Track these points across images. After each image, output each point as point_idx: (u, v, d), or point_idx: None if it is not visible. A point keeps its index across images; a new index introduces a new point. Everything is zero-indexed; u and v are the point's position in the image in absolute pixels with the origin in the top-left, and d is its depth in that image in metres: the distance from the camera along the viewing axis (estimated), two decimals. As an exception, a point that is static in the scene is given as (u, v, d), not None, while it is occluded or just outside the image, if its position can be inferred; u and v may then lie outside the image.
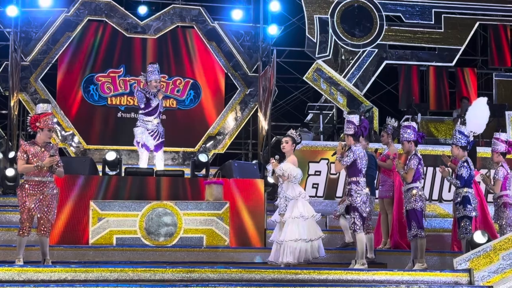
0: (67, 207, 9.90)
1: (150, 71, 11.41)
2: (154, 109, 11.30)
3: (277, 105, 17.16)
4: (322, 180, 13.02)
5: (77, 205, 9.98)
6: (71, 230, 9.91)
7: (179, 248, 9.74)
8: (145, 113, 11.31)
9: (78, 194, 10.03)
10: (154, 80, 11.31)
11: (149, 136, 11.30)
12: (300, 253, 8.69)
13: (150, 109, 11.27)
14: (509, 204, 9.66)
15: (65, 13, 16.01)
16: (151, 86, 11.31)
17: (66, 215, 9.89)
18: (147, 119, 11.32)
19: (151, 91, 11.29)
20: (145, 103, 11.23)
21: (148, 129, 11.32)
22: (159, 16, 16.47)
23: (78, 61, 16.00)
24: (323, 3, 16.33)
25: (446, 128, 16.36)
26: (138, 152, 11.48)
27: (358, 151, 8.90)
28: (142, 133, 11.30)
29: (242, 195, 10.45)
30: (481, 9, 16.97)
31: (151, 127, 11.31)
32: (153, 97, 11.24)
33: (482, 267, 8.09)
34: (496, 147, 9.91)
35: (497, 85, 17.04)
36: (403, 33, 16.59)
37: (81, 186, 10.09)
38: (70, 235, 9.88)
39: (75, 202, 9.99)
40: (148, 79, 11.38)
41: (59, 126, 15.49)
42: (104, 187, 10.21)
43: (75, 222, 9.94)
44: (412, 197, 9.24)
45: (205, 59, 16.54)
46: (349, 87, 16.01)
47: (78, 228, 9.92)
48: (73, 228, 9.92)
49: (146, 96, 11.23)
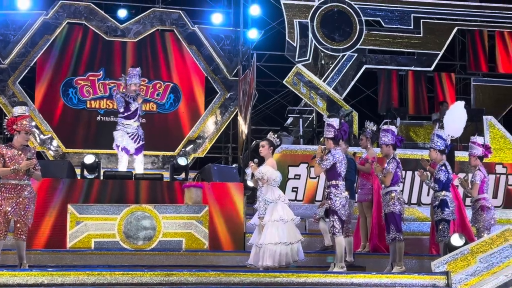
0: (44, 210, 9.81)
1: (130, 75, 11.40)
2: (133, 113, 11.28)
3: (257, 109, 17.18)
4: (301, 184, 13.01)
5: (55, 208, 9.89)
6: (48, 234, 9.81)
7: (158, 251, 9.70)
8: (125, 116, 11.29)
9: (56, 198, 9.94)
10: (134, 84, 11.30)
11: (129, 139, 11.27)
12: (280, 257, 8.68)
13: (129, 112, 11.25)
14: (486, 207, 9.73)
15: (44, 16, 15.92)
16: (130, 89, 11.27)
17: (43, 218, 9.79)
18: (126, 122, 11.29)
19: (130, 95, 11.25)
20: (124, 106, 11.19)
21: (128, 132, 11.29)
22: (139, 20, 16.43)
23: (57, 64, 15.92)
24: (303, 7, 16.38)
25: (424, 132, 16.44)
26: (118, 155, 11.42)
27: (337, 154, 8.91)
28: (122, 137, 11.28)
29: (221, 198, 10.43)
30: (460, 14, 17.11)
31: (131, 131, 11.30)
32: (132, 101, 11.20)
33: (459, 270, 8.15)
34: (473, 151, 9.99)
35: (475, 90, 17.19)
36: (382, 38, 16.68)
37: (59, 189, 10.00)
38: (47, 239, 9.79)
39: (52, 205, 9.90)
40: (128, 82, 11.37)
41: (37, 130, 15.39)
42: (82, 190, 10.13)
43: (52, 226, 9.85)
44: (390, 201, 9.28)
45: (185, 63, 16.53)
46: (329, 91, 16.05)
47: (56, 232, 9.82)
48: (50, 232, 9.83)
49: (125, 99, 11.20)
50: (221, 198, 10.42)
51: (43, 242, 9.75)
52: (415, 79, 16.92)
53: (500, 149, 13.71)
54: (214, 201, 10.35)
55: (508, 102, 17.24)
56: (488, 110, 15.55)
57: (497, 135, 13.98)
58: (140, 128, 11.45)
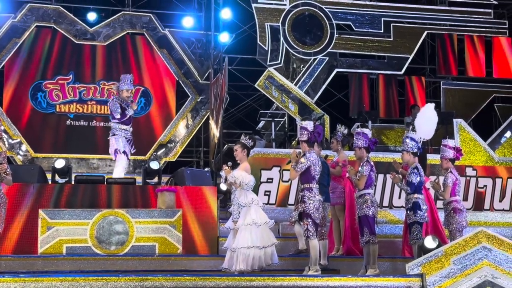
0: (15, 215, 9.66)
1: (122, 81, 11.43)
2: (129, 119, 11.33)
3: (228, 113, 17.13)
4: (274, 187, 13.00)
5: (26, 213, 9.76)
6: (19, 240, 9.68)
7: (131, 256, 9.60)
8: (122, 122, 11.29)
9: (26, 203, 9.81)
10: (126, 90, 11.31)
11: (127, 144, 11.30)
12: (254, 260, 8.65)
13: (125, 118, 11.26)
14: (458, 210, 9.80)
15: (12, 19, 15.69)
16: (122, 95, 11.29)
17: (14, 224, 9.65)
18: (124, 127, 11.31)
19: (125, 101, 11.25)
20: (121, 113, 11.20)
21: (126, 137, 11.32)
22: (109, 23, 16.28)
23: (26, 67, 15.70)
24: (274, 11, 16.39)
25: (395, 135, 16.55)
26: (117, 160, 11.31)
27: (312, 157, 8.91)
28: (122, 142, 11.27)
29: (194, 202, 10.39)
30: (429, 18, 17.29)
31: (128, 136, 11.35)
32: (127, 107, 11.22)
33: (433, 272, 8.18)
34: (444, 154, 10.04)
35: (445, 93, 17.37)
36: (353, 42, 16.77)
37: (30, 194, 9.87)
38: (18, 244, 9.65)
39: (23, 210, 9.77)
40: (120, 88, 11.37)
41: (6, 134, 15.14)
42: (53, 195, 10.01)
43: (23, 231, 9.71)
44: (364, 204, 9.32)
45: (156, 66, 16.42)
46: (300, 95, 16.08)
47: (27, 237, 9.68)
48: (21, 238, 9.69)
49: (121, 105, 11.21)
50: (195, 202, 10.37)
51: (14, 248, 9.60)
52: (385, 82, 17.05)
53: (470, 152, 13.86)
54: (188, 205, 10.30)
55: (477, 106, 17.45)
56: (458, 113, 15.72)
57: (467, 138, 14.13)
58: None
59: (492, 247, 8.27)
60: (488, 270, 8.20)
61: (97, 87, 15.99)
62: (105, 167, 15.61)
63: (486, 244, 8.27)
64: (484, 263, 8.22)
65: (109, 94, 15.93)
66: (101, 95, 15.97)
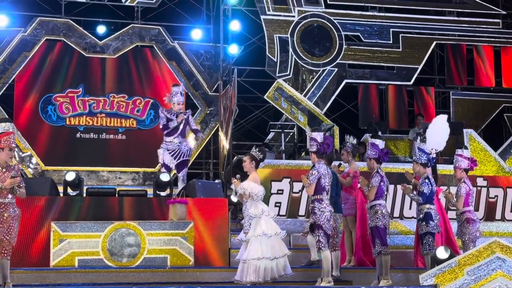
0: (27, 229, 9.65)
1: (173, 93, 11.53)
2: (174, 130, 11.36)
3: (238, 124, 17.15)
4: (284, 199, 12.99)
5: (38, 226, 9.75)
6: (31, 253, 9.67)
7: (143, 269, 9.58)
8: (166, 134, 11.45)
9: (38, 216, 9.80)
10: (177, 102, 11.43)
11: (169, 156, 11.35)
12: (266, 272, 8.61)
13: (168, 130, 11.36)
14: (471, 220, 9.73)
15: (22, 32, 15.80)
16: (175, 108, 11.42)
17: (26, 237, 9.64)
18: (168, 140, 11.43)
19: (174, 112, 11.38)
20: (164, 124, 11.31)
21: (168, 149, 11.36)
22: (118, 36, 16.36)
23: (36, 81, 15.78)
24: (283, 22, 16.45)
25: (405, 146, 16.54)
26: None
27: (321, 168, 8.89)
28: (163, 154, 11.39)
29: (206, 214, 10.35)
30: (438, 29, 17.32)
31: (172, 147, 11.39)
32: (174, 118, 11.29)
33: (447, 283, 8.15)
34: (459, 164, 9.97)
35: (454, 104, 17.36)
36: (362, 53, 16.81)
37: (42, 207, 9.87)
38: (31, 257, 9.64)
39: (35, 223, 9.76)
40: (172, 101, 11.48)
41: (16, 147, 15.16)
42: (65, 208, 10.00)
43: (35, 244, 9.71)
44: (375, 215, 9.27)
45: (165, 78, 16.47)
46: (310, 106, 16.10)
47: (39, 250, 9.68)
48: (33, 251, 9.69)
49: (167, 117, 11.34)
50: (206, 214, 10.34)
51: (27, 261, 9.59)
52: (395, 93, 17.04)
53: (481, 162, 13.83)
54: (199, 217, 10.27)
55: (486, 115, 17.45)
56: (468, 123, 15.71)
57: (477, 148, 14.12)
58: (184, 144, 11.52)
59: (506, 258, 8.24)
60: (502, 280, 8.17)
61: (107, 100, 16.05)
62: (115, 179, 15.66)
63: (500, 254, 8.24)
64: (498, 274, 8.19)
65: (118, 106, 16.00)
66: (111, 108, 16.02)
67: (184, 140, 11.54)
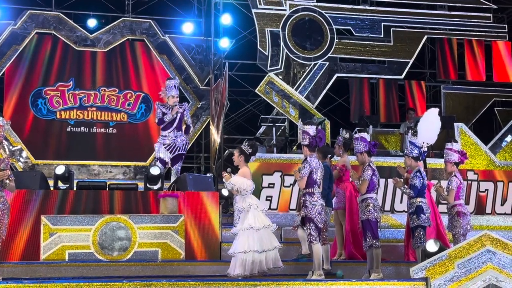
0: (17, 222, 9.62)
1: (167, 87, 11.54)
2: (169, 124, 11.38)
3: (229, 118, 17.14)
4: (275, 193, 13.00)
5: (28, 220, 9.71)
6: (21, 246, 9.63)
7: (133, 262, 9.55)
8: (162, 128, 11.48)
9: (29, 209, 9.77)
10: (172, 96, 11.42)
11: (165, 151, 11.38)
12: (253, 265, 8.59)
13: (164, 124, 11.38)
14: (462, 213, 9.75)
15: (12, 25, 15.72)
16: (170, 102, 11.41)
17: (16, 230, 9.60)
18: (163, 133, 11.48)
19: (169, 106, 11.37)
20: (160, 118, 11.34)
21: (164, 143, 11.40)
22: (109, 29, 16.30)
23: (26, 74, 15.70)
24: (275, 16, 16.42)
25: (396, 140, 16.56)
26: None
27: (313, 162, 8.89)
28: (159, 148, 11.43)
29: (197, 208, 10.34)
30: (429, 23, 17.33)
31: (168, 141, 11.41)
32: (168, 112, 11.27)
33: (438, 276, 8.15)
34: (449, 157, 9.98)
35: (445, 98, 17.40)
36: (353, 47, 16.80)
37: (32, 200, 9.82)
38: (20, 251, 9.60)
39: (25, 217, 9.72)
40: (167, 95, 11.50)
41: (6, 141, 15.12)
42: (56, 201, 9.97)
43: (25, 237, 9.66)
44: (366, 208, 9.28)
45: (156, 72, 16.42)
46: (301, 100, 16.09)
47: (29, 244, 9.64)
48: (23, 244, 9.64)
49: (162, 111, 11.34)
50: (197, 208, 10.33)
51: (16, 255, 9.55)
52: (386, 87, 17.07)
53: (471, 156, 13.86)
54: (190, 210, 10.26)
55: (477, 110, 17.50)
56: (458, 117, 15.75)
57: (468, 142, 14.15)
58: (180, 138, 11.47)
59: (496, 251, 8.25)
60: (492, 273, 8.18)
61: (98, 94, 15.99)
62: (106, 173, 15.62)
63: (490, 247, 8.26)
64: (488, 267, 8.20)
65: (109, 100, 15.94)
66: (102, 102, 15.97)
67: (180, 134, 11.50)
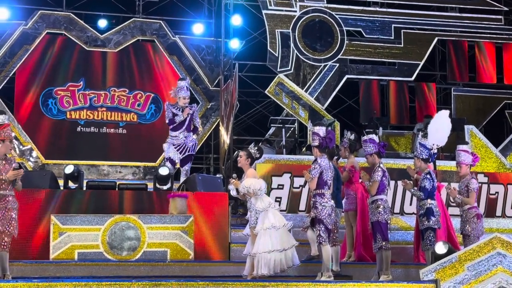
0: (27, 221, 9.64)
1: (178, 88, 11.59)
2: (180, 125, 11.44)
3: (238, 119, 17.12)
4: (285, 194, 12.96)
5: (38, 219, 9.75)
6: (31, 245, 9.67)
7: (142, 262, 9.58)
8: (171, 128, 11.53)
9: (38, 208, 9.80)
10: (183, 97, 11.47)
11: (175, 151, 11.45)
12: (275, 264, 8.62)
13: (174, 124, 11.43)
14: (480, 216, 9.64)
15: (23, 25, 15.75)
16: (180, 103, 11.46)
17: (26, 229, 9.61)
18: (173, 134, 11.54)
19: (179, 106, 11.42)
20: (170, 118, 11.39)
21: (174, 144, 11.46)
22: (119, 30, 16.32)
23: (37, 74, 15.74)
24: (285, 17, 16.41)
25: (406, 142, 16.52)
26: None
27: (323, 162, 8.88)
28: (168, 148, 11.50)
29: (206, 208, 10.34)
30: (440, 25, 17.27)
31: (178, 142, 11.48)
32: (180, 113, 11.29)
33: (448, 278, 8.14)
34: (463, 159, 9.87)
35: (456, 100, 17.32)
36: (363, 48, 16.76)
37: (42, 200, 9.86)
38: (30, 250, 9.64)
39: (35, 216, 9.76)
40: (177, 96, 11.55)
41: (16, 141, 15.17)
42: (65, 201, 10.00)
43: (35, 237, 9.71)
44: (376, 209, 9.25)
45: (166, 73, 16.44)
46: (311, 101, 16.08)
47: (39, 243, 9.68)
48: (33, 243, 9.68)
49: (172, 112, 11.38)
50: (206, 208, 10.33)
51: (26, 254, 9.58)
52: (396, 89, 17.01)
53: (482, 158, 13.79)
54: (199, 211, 10.27)
55: (488, 112, 17.41)
56: (469, 120, 15.69)
57: (478, 145, 14.10)
58: (190, 139, 11.55)
59: (506, 253, 8.23)
60: (502, 276, 8.16)
61: (108, 94, 16.02)
62: (116, 173, 15.66)
63: (500, 250, 8.23)
64: (498, 269, 8.18)
65: (119, 100, 15.98)
66: (112, 102, 16.00)
67: (189, 135, 11.53)
